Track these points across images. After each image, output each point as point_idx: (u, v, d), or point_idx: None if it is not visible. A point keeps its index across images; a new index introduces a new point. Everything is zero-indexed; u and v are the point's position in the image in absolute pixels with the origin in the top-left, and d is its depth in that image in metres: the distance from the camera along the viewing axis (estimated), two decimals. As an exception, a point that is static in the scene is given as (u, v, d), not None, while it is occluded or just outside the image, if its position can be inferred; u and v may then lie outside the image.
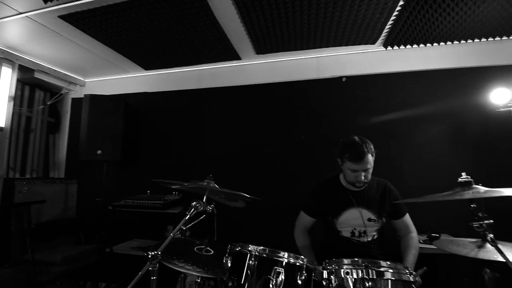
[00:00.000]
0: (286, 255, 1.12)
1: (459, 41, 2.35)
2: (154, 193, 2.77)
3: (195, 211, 1.25)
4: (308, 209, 1.78)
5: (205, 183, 1.35)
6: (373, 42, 2.45)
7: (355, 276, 0.97)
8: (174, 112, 3.13)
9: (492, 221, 0.92)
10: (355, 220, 1.65)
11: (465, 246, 1.11)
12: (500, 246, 0.98)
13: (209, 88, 3.02)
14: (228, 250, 1.26)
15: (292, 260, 1.11)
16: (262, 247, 1.15)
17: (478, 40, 2.33)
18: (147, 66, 3.10)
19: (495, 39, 2.28)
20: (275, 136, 2.76)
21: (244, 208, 1.71)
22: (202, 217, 1.39)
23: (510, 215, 1.86)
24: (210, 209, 1.34)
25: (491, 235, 0.91)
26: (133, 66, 3.04)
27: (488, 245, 1.10)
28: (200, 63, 2.97)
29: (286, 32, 2.31)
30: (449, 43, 2.37)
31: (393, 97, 2.54)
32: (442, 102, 2.42)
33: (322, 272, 1.06)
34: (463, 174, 1.01)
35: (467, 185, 0.99)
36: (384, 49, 2.52)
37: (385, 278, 0.96)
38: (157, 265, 1.10)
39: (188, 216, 1.22)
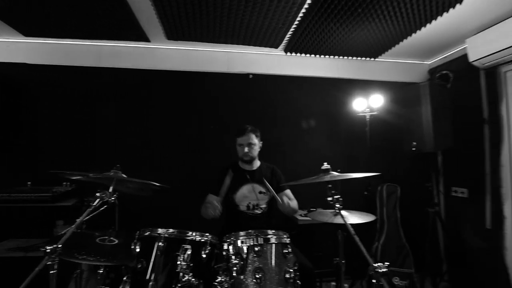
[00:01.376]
0: (193, 233, 1.28)
1: (339, 56, 2.95)
2: (36, 185, 2.40)
3: (101, 201, 1.24)
4: (213, 190, 2.02)
5: (111, 173, 1.34)
6: (276, 47, 2.79)
7: (248, 244, 1.23)
8: (68, 91, 2.72)
9: (339, 196, 1.33)
10: (250, 194, 2.03)
11: (327, 215, 1.54)
12: (343, 213, 1.42)
13: (112, 68, 2.76)
14: (136, 236, 1.31)
15: (198, 238, 1.28)
16: (171, 229, 1.28)
17: (350, 58, 2.99)
18: (27, 32, 2.56)
19: (361, 58, 3.00)
20: (185, 124, 2.82)
21: (150, 197, 1.73)
22: (103, 208, 1.35)
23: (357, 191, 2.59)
24: (113, 200, 1.33)
25: (338, 205, 1.32)
26: (7, 28, 2.46)
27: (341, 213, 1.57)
28: (99, 38, 2.66)
29: (199, 23, 2.35)
30: (331, 56, 2.95)
31: (290, 96, 3.00)
32: (324, 103, 3.04)
33: (223, 245, 1.29)
34: (325, 163, 1.41)
35: (326, 171, 1.39)
36: (285, 54, 2.91)
37: (270, 242, 1.26)
38: (57, 259, 1.07)
39: (93, 207, 1.20)
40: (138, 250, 1.28)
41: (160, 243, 1.24)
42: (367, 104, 2.76)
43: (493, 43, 2.29)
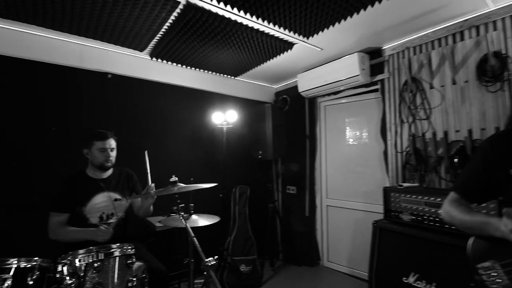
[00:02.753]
0: (15, 260, 1.12)
1: (204, 70, 3.21)
2: None
3: None
4: (58, 206, 1.78)
5: None
6: (141, 50, 2.72)
7: (86, 261, 1.20)
8: None
9: (183, 204, 1.52)
10: (104, 203, 1.89)
11: (177, 220, 1.69)
12: (193, 217, 1.62)
13: None
14: None
15: (22, 264, 1.14)
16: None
17: (214, 73, 3.31)
18: None
19: (223, 75, 3.38)
20: (22, 125, 2.28)
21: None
22: None
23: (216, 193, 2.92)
24: None
25: (182, 213, 1.51)
26: None
27: (192, 217, 1.77)
28: None
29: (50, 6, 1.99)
30: (197, 69, 3.16)
31: (154, 102, 2.98)
32: (188, 112, 3.21)
33: (57, 267, 1.20)
34: (173, 176, 1.57)
35: (174, 183, 1.56)
36: (150, 58, 2.88)
37: (113, 256, 1.28)
38: None
39: None
40: None
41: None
42: (224, 118, 3.14)
43: (310, 81, 3.15)
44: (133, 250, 1.37)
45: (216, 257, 1.32)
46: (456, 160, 2.14)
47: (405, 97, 2.54)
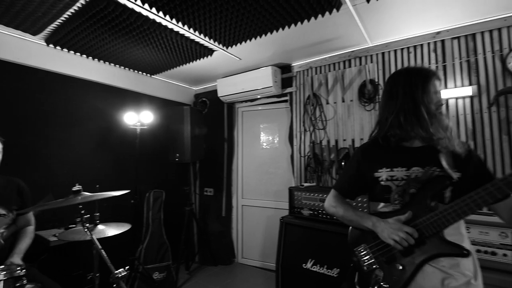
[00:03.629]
0: None
1: (115, 64, 2.94)
2: None
3: None
4: None
5: None
6: (34, 34, 2.31)
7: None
8: None
9: (88, 215, 1.41)
10: None
11: (80, 233, 1.54)
12: (100, 227, 1.50)
13: None
14: None
15: None
16: None
17: (128, 69, 3.08)
18: None
19: (139, 72, 3.18)
20: None
21: None
22: None
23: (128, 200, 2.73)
24: None
25: (85, 223, 1.39)
26: None
27: (97, 228, 1.63)
28: None
29: None
30: (108, 63, 2.87)
31: (54, 97, 2.56)
32: (96, 110, 2.88)
33: None
34: (77, 184, 1.43)
35: (78, 192, 1.42)
36: (46, 45, 2.46)
37: (-3, 280, 1.08)
38: None
39: None
40: None
41: None
42: (138, 118, 2.96)
43: (229, 87, 3.30)
44: (24, 271, 1.18)
45: (128, 267, 1.27)
46: (343, 163, 2.64)
47: (308, 109, 2.96)
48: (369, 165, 1.12)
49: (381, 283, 1.03)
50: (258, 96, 3.32)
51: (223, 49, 2.60)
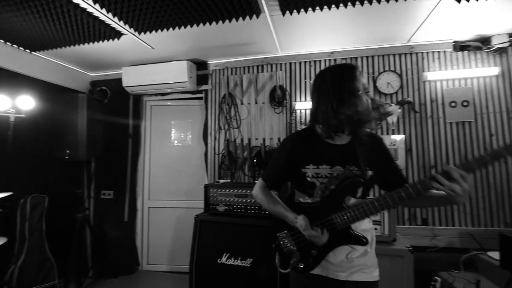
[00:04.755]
0: None
1: None
2: None
3: None
4: None
5: None
6: None
7: None
8: None
9: None
10: None
11: None
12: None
13: None
14: None
15: None
16: None
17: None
18: None
19: (15, 46, 2.49)
20: None
21: None
22: None
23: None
24: None
25: None
26: None
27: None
28: None
29: None
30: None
31: None
32: None
33: None
34: None
35: None
36: None
37: None
38: None
39: None
40: None
41: None
42: (13, 104, 2.33)
43: (138, 77, 3.00)
44: None
45: None
46: (255, 160, 2.83)
47: (223, 108, 3.02)
48: (297, 159, 1.20)
49: (298, 264, 1.18)
50: (169, 91, 3.15)
51: (134, 34, 2.35)
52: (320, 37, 2.52)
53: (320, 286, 1.18)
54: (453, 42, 2.58)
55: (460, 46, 2.58)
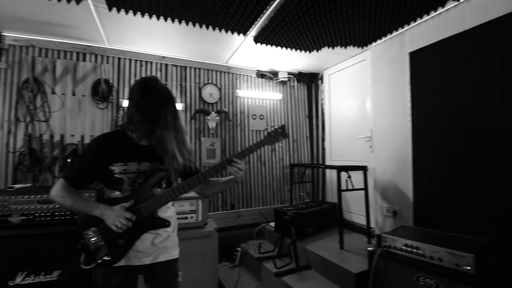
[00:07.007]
0: None
1: None
2: None
3: None
4: None
5: None
6: None
7: None
8: None
9: None
10: None
11: None
12: None
13: None
14: None
15: None
16: None
17: None
18: None
19: None
20: None
21: None
22: None
23: None
24: None
25: None
26: None
27: None
28: None
29: None
30: None
31: None
32: None
33: None
34: None
35: None
36: None
37: None
38: None
39: None
40: None
41: None
42: None
43: None
44: None
45: None
46: (69, 160, 2.49)
47: (24, 95, 2.43)
48: (104, 158, 1.24)
49: (104, 257, 1.23)
50: None
51: None
52: (153, 41, 2.61)
53: (128, 275, 1.29)
54: (256, 70, 3.45)
55: (260, 74, 3.48)
